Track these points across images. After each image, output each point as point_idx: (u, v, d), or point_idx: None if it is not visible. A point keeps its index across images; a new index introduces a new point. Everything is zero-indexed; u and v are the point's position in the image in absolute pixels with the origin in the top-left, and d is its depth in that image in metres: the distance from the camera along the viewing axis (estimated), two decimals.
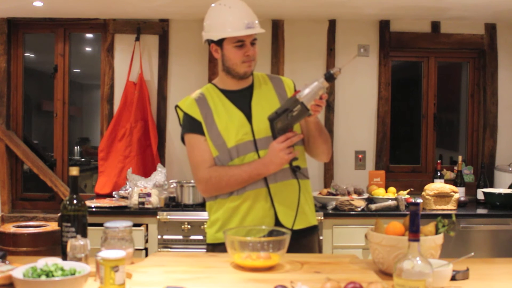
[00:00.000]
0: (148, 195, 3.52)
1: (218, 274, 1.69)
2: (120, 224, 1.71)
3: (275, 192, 2.04)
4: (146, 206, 3.50)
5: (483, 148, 4.22)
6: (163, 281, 1.59)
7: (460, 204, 3.71)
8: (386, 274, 1.67)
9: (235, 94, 2.12)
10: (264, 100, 2.11)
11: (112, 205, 3.52)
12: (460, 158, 3.99)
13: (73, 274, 1.46)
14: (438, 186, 3.60)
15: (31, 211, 4.10)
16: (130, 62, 4.03)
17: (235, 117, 2.07)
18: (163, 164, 4.08)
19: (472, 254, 1.73)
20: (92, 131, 5.72)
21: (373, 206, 3.51)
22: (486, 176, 3.93)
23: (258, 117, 2.07)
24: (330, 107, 4.13)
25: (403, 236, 1.65)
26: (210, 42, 2.12)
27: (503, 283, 1.66)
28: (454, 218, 1.79)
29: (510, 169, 3.94)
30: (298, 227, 2.05)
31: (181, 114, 2.15)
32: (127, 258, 1.65)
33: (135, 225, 3.21)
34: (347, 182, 3.85)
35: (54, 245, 3.43)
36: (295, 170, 2.02)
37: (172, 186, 3.79)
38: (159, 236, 3.44)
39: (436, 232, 1.71)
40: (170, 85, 4.12)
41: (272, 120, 1.95)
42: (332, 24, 4.15)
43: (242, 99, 2.11)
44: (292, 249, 1.84)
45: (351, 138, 4.17)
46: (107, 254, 1.45)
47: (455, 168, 4.04)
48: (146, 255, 3.38)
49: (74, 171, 1.70)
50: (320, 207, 3.57)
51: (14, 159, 4.13)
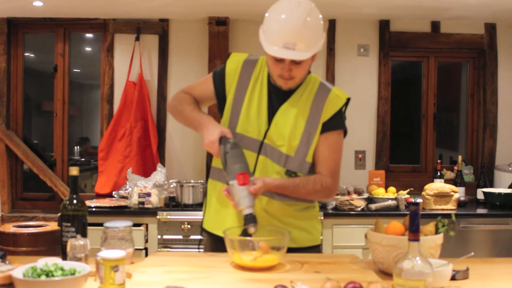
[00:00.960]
0: (148, 195, 3.52)
1: (218, 274, 1.68)
2: (120, 224, 1.71)
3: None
4: (146, 206, 3.50)
5: (483, 148, 4.22)
6: (163, 281, 1.58)
7: (460, 204, 3.71)
8: (386, 274, 1.67)
9: (276, 89, 1.97)
10: (294, 108, 1.95)
11: (112, 205, 3.52)
12: (460, 158, 3.99)
13: (73, 274, 1.46)
14: (438, 186, 3.60)
15: (31, 211, 4.10)
16: (130, 62, 4.03)
17: (260, 112, 1.97)
18: (163, 164, 4.08)
19: (472, 254, 1.73)
20: (92, 131, 5.72)
21: (373, 206, 3.51)
22: (486, 176, 3.93)
23: (278, 124, 1.95)
24: None
25: (403, 236, 1.65)
26: None
27: (503, 283, 1.66)
28: (454, 218, 1.79)
29: (510, 169, 3.94)
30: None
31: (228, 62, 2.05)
32: (127, 258, 1.65)
33: (135, 225, 3.21)
34: (347, 182, 3.84)
35: (54, 245, 3.43)
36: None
37: (172, 186, 3.79)
38: (159, 236, 3.44)
39: (436, 232, 1.71)
40: (170, 85, 4.13)
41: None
42: (332, 24, 4.16)
43: (277, 99, 1.98)
44: None
45: (351, 138, 4.08)
46: (107, 254, 1.45)
47: (455, 168, 4.05)
48: (146, 255, 3.38)
49: (74, 171, 1.70)
50: (320, 207, 3.56)
51: (14, 159, 4.13)
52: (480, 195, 3.85)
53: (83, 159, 5.57)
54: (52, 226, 3.53)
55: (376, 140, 4.20)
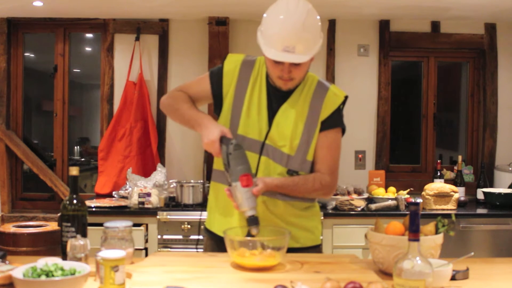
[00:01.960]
0: (148, 195, 3.52)
1: (218, 274, 1.68)
2: (120, 224, 1.71)
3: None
4: (146, 206, 3.50)
5: (483, 148, 4.22)
6: (163, 281, 1.58)
7: (460, 204, 3.71)
8: (386, 274, 1.67)
9: (275, 90, 1.97)
10: (294, 108, 1.95)
11: (112, 205, 3.52)
12: (460, 158, 3.99)
13: (73, 274, 1.46)
14: (438, 186, 3.60)
15: (31, 211, 4.11)
16: (130, 62, 4.03)
17: (261, 113, 1.96)
18: (163, 164, 4.08)
19: (472, 254, 1.73)
20: (92, 131, 5.72)
21: (373, 206, 3.51)
22: (486, 176, 3.93)
23: (279, 124, 1.95)
24: None
25: (403, 236, 1.65)
26: None
27: (503, 283, 1.66)
28: (454, 218, 1.79)
29: (510, 169, 3.94)
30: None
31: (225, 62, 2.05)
32: (127, 258, 1.65)
33: (135, 225, 3.21)
34: (347, 182, 3.84)
35: (54, 245, 3.43)
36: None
37: (172, 186, 3.79)
38: (159, 236, 3.44)
39: (436, 232, 1.71)
40: (170, 85, 4.12)
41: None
42: (332, 24, 4.15)
43: (276, 99, 1.97)
44: None
45: (351, 138, 4.14)
46: (107, 254, 1.45)
47: (455, 168, 4.05)
48: (146, 255, 3.38)
49: (74, 171, 1.70)
50: (320, 207, 3.55)
51: (14, 159, 4.13)
52: (480, 195, 3.85)
53: (83, 159, 5.56)
54: (52, 226, 3.53)
55: (376, 140, 4.20)
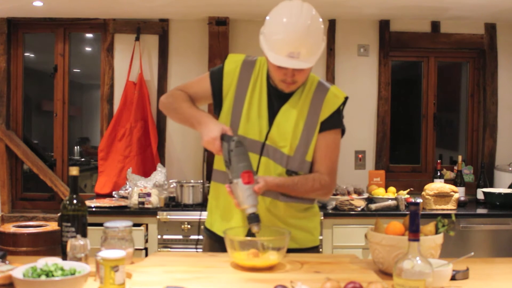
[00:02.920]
0: (148, 195, 3.52)
1: (218, 274, 1.68)
2: (120, 224, 1.71)
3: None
4: (146, 206, 3.50)
5: (483, 148, 4.22)
6: (163, 281, 1.58)
7: (460, 204, 3.71)
8: (386, 274, 1.67)
9: (275, 91, 1.96)
10: (295, 109, 1.95)
11: (112, 205, 3.52)
12: (460, 158, 3.99)
13: (73, 274, 1.46)
14: (438, 186, 3.60)
15: (31, 211, 4.10)
16: (130, 62, 4.03)
17: (261, 113, 1.96)
18: (163, 164, 4.08)
19: (472, 254, 1.73)
20: (92, 131, 5.73)
21: (373, 206, 3.51)
22: (486, 176, 3.94)
23: (279, 125, 1.94)
24: None
25: (403, 236, 1.65)
26: None
27: (503, 283, 1.66)
28: (454, 218, 1.79)
29: (510, 169, 3.94)
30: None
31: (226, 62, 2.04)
32: (127, 258, 1.65)
33: (135, 225, 3.21)
34: (347, 182, 3.85)
35: (54, 245, 3.42)
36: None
37: (172, 186, 3.79)
38: (159, 236, 3.44)
39: (436, 232, 1.71)
40: (170, 85, 4.12)
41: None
42: (332, 24, 4.16)
43: (277, 100, 1.97)
44: None
45: (351, 138, 4.16)
46: (107, 254, 1.45)
47: (455, 168, 4.05)
48: (146, 255, 3.38)
49: (74, 171, 1.70)
50: (320, 207, 3.57)
51: (14, 159, 4.13)
52: (480, 195, 3.86)
53: (83, 159, 5.57)
54: (52, 226, 3.53)
55: (376, 140, 4.20)
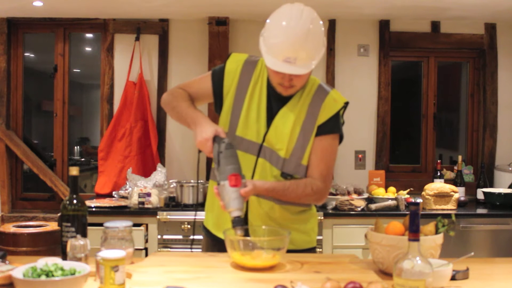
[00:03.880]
0: (148, 195, 3.52)
1: (218, 274, 1.68)
2: (120, 224, 1.71)
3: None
4: (146, 206, 3.50)
5: (483, 148, 4.22)
6: (163, 281, 1.58)
7: (460, 204, 3.71)
8: (386, 274, 1.67)
9: (275, 92, 1.95)
10: (293, 112, 1.94)
11: (112, 205, 3.52)
12: (460, 158, 3.99)
13: (73, 274, 1.46)
14: (438, 186, 3.60)
15: (31, 211, 4.10)
16: (130, 62, 4.03)
17: (260, 115, 1.96)
18: (163, 164, 4.08)
19: (472, 254, 1.73)
20: (92, 131, 5.73)
21: (373, 206, 3.51)
22: (486, 176, 3.94)
23: (277, 127, 1.93)
24: None
25: (403, 236, 1.65)
26: None
27: (503, 283, 1.66)
28: (454, 218, 1.79)
29: (510, 169, 3.94)
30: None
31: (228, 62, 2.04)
32: (127, 258, 1.65)
33: (135, 225, 3.21)
34: (347, 182, 3.85)
35: (54, 245, 3.42)
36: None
37: (172, 186, 3.79)
38: (159, 236, 3.44)
39: (436, 232, 1.71)
40: (170, 85, 4.12)
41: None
42: (332, 24, 4.16)
43: (276, 102, 1.96)
44: None
45: (351, 138, 4.16)
46: (107, 254, 1.45)
47: (455, 168, 4.05)
48: (146, 255, 3.38)
49: (74, 171, 1.70)
50: (320, 207, 3.57)
51: (14, 159, 4.13)
52: (480, 195, 3.86)
53: (83, 159, 5.57)
54: (52, 226, 3.52)
55: (376, 140, 4.20)
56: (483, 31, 4.19)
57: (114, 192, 3.82)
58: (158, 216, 3.44)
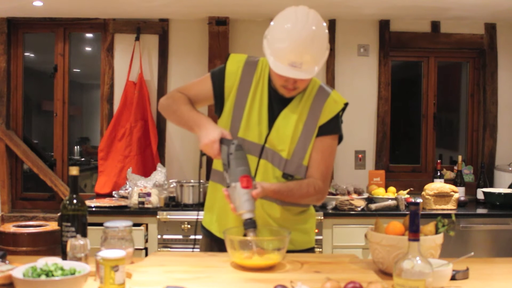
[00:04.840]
0: (148, 194, 3.52)
1: (218, 274, 1.68)
2: (120, 223, 1.71)
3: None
4: (146, 206, 3.51)
5: (483, 148, 4.22)
6: (163, 281, 1.58)
7: (460, 204, 3.71)
8: (386, 274, 1.67)
9: (276, 93, 1.95)
10: (295, 113, 1.94)
11: (112, 204, 3.52)
12: (460, 158, 3.99)
13: (73, 273, 1.46)
14: (438, 185, 3.60)
15: (31, 210, 4.10)
16: (130, 62, 4.03)
17: (261, 116, 1.95)
18: (163, 163, 4.08)
19: (472, 254, 1.73)
20: (92, 131, 5.73)
21: (373, 206, 3.51)
22: (486, 176, 3.94)
23: (279, 128, 1.93)
24: None
25: (403, 236, 1.65)
26: None
27: (503, 283, 1.66)
28: (454, 218, 1.79)
29: (510, 169, 3.94)
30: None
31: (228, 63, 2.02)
32: (127, 257, 1.65)
33: (135, 224, 3.21)
34: (347, 181, 3.85)
35: (54, 245, 3.43)
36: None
37: (172, 185, 3.79)
38: (159, 236, 3.44)
39: (436, 232, 1.71)
40: (170, 85, 4.12)
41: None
42: (332, 24, 4.16)
43: (277, 103, 1.96)
44: None
45: (351, 138, 4.16)
46: (107, 253, 1.45)
47: (455, 168, 4.05)
48: (146, 255, 3.38)
49: (74, 170, 1.70)
50: (320, 206, 3.57)
51: (14, 159, 4.13)
52: (480, 195, 3.86)
53: (83, 159, 5.58)
54: (52, 226, 3.53)
55: (376, 140, 4.20)
56: (483, 31, 4.19)
57: (114, 192, 3.82)
58: (158, 216, 3.44)
